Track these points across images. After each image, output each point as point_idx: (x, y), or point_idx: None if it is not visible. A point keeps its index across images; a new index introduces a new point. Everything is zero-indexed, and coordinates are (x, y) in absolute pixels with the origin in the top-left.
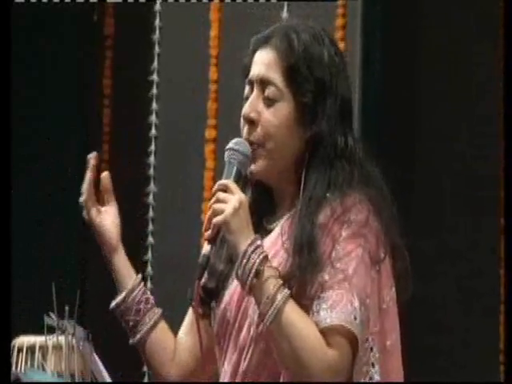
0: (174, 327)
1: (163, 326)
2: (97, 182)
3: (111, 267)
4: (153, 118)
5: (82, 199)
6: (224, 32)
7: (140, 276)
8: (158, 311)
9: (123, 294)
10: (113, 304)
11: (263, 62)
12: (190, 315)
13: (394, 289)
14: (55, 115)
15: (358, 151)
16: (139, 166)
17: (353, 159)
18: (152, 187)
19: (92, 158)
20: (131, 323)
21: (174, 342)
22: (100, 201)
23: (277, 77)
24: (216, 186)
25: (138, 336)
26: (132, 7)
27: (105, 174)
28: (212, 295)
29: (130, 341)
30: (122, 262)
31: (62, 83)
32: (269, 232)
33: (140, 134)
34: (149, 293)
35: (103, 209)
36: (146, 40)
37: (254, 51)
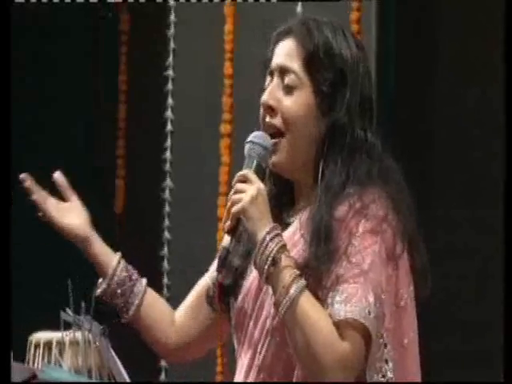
0: None
1: (151, 297)
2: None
3: (88, 257)
4: (168, 114)
5: (39, 214)
6: (238, 27)
7: (118, 256)
8: (143, 282)
9: (106, 282)
10: (98, 292)
11: (283, 52)
12: (195, 291)
13: (412, 286)
14: (71, 111)
15: (378, 146)
16: (155, 162)
17: (372, 154)
18: (168, 182)
19: (24, 179)
20: (121, 305)
21: (169, 311)
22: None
23: (296, 65)
24: (235, 178)
25: (130, 314)
26: (147, 3)
27: (56, 175)
28: (229, 291)
29: (123, 320)
30: (97, 250)
31: (78, 79)
32: (288, 225)
33: (156, 130)
34: (130, 268)
35: (64, 207)
36: (161, 36)
37: (275, 44)
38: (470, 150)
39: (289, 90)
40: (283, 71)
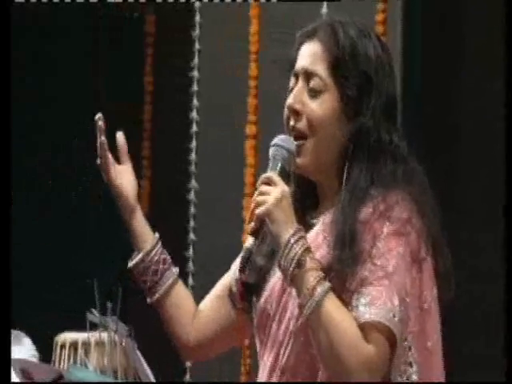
0: None
1: (180, 286)
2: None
3: (129, 227)
4: (193, 115)
5: (98, 161)
6: (263, 27)
7: (157, 236)
8: (175, 271)
9: (141, 255)
10: (130, 264)
11: (309, 54)
12: (218, 288)
13: (435, 289)
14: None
15: (402, 148)
16: (180, 163)
17: (397, 156)
18: (193, 183)
19: (99, 119)
20: (149, 283)
21: (193, 305)
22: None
23: (321, 68)
24: (259, 180)
25: (157, 296)
26: (172, 4)
27: (120, 134)
28: (252, 290)
29: (148, 300)
30: (139, 222)
31: (104, 80)
32: (311, 227)
33: (181, 131)
34: (166, 252)
35: (119, 168)
36: (187, 37)
37: (300, 45)
38: (494, 143)
39: (314, 93)
40: (308, 74)
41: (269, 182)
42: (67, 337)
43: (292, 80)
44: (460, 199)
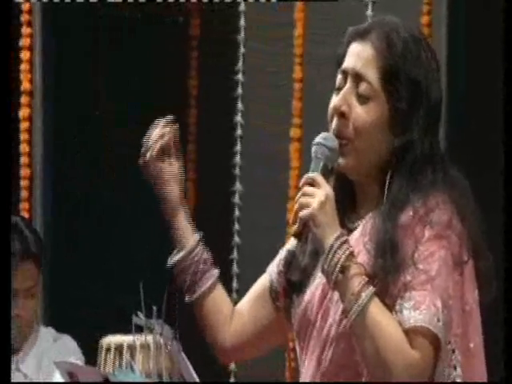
0: None
1: (220, 288)
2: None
3: (172, 225)
4: (238, 118)
5: (150, 154)
6: (309, 29)
7: (199, 236)
8: (215, 273)
9: (182, 253)
10: (171, 261)
11: (360, 56)
12: (256, 288)
13: (476, 291)
14: (141, 116)
15: (443, 158)
16: (225, 166)
17: (437, 166)
18: (238, 186)
19: (171, 123)
20: (188, 282)
21: (231, 308)
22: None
23: (373, 74)
24: (303, 180)
25: (195, 295)
26: (217, 8)
27: (168, 130)
28: (295, 288)
29: (187, 298)
30: (182, 221)
31: (148, 84)
32: (350, 231)
33: (225, 134)
34: (207, 253)
35: (168, 162)
36: (231, 40)
37: (350, 43)
38: None
39: (362, 99)
40: (358, 77)
41: (312, 183)
42: (112, 340)
43: (339, 77)
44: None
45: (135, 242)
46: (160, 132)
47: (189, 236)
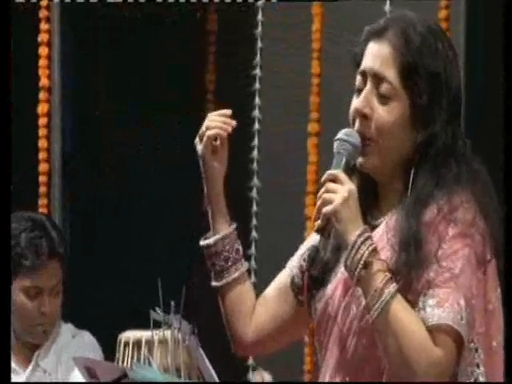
0: None
1: (247, 281)
2: None
3: (210, 209)
4: (256, 113)
5: (209, 133)
6: (326, 26)
7: (235, 226)
8: (245, 265)
9: (216, 237)
10: (203, 242)
11: (378, 56)
12: (277, 282)
13: (499, 290)
14: (159, 111)
15: (465, 149)
16: (243, 161)
17: (460, 158)
18: (255, 182)
19: (230, 116)
20: (217, 267)
21: (254, 302)
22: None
23: (392, 74)
24: (325, 176)
25: (223, 282)
26: (235, 3)
27: (230, 120)
28: (317, 283)
29: (213, 283)
30: (221, 206)
31: (166, 79)
32: (373, 227)
33: (243, 129)
34: (240, 244)
35: (216, 150)
36: (249, 35)
37: (367, 41)
38: None
39: (384, 99)
40: (378, 78)
41: (335, 180)
42: (131, 335)
43: (358, 78)
44: None
45: (151, 240)
46: (221, 119)
47: (225, 222)
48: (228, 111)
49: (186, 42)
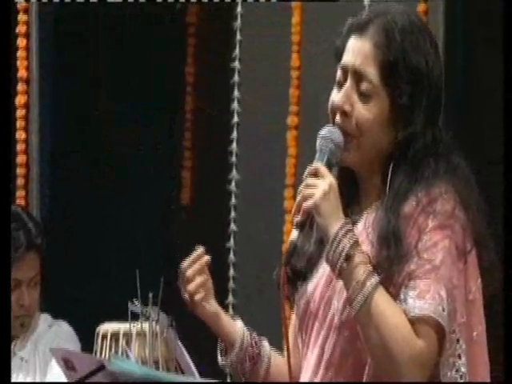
0: (256, 313)
1: (275, 357)
2: None
3: (217, 328)
4: (235, 106)
5: (195, 294)
6: (306, 18)
7: (241, 323)
8: (266, 347)
9: (235, 351)
10: (226, 361)
11: (359, 52)
12: (292, 329)
13: (479, 280)
14: (138, 103)
15: (446, 145)
16: (221, 154)
17: (439, 153)
18: (234, 174)
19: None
20: (249, 368)
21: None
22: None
23: (373, 71)
24: (306, 171)
25: (260, 376)
26: None
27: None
28: (299, 276)
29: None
30: (225, 322)
31: (146, 71)
32: (354, 223)
33: (222, 122)
34: (253, 332)
35: (203, 279)
36: (228, 27)
37: (349, 35)
38: None
39: (364, 97)
40: (359, 75)
41: (316, 174)
42: (109, 327)
43: (339, 73)
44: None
45: (131, 233)
46: (197, 267)
47: (233, 329)
48: (200, 252)
49: (165, 34)
